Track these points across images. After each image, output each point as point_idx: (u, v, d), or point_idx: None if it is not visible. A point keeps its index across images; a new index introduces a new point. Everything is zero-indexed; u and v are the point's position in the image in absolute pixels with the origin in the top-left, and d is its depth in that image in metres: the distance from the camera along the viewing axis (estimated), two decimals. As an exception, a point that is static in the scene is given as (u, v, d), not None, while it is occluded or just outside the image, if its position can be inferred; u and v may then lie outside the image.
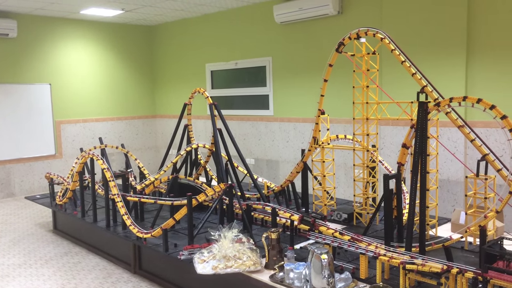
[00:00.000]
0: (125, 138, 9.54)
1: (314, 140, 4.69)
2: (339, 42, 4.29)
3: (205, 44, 8.68)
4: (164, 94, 9.84)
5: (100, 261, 5.10)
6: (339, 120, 6.46)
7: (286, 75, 7.36)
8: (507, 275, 2.58)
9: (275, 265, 3.41)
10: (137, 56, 9.77)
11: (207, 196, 4.17)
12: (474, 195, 3.63)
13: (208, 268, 3.39)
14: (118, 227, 4.80)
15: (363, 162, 4.45)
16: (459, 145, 5.30)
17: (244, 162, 5.25)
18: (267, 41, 7.54)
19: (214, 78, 8.68)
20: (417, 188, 3.32)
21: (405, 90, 5.05)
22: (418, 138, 3.31)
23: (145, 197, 4.72)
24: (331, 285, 2.99)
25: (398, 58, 3.90)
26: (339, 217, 4.59)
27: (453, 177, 5.38)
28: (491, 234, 3.61)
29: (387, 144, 5.95)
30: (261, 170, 7.80)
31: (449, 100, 3.20)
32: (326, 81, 4.53)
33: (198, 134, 8.69)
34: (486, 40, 5.11)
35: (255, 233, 4.23)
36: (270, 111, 7.69)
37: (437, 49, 5.41)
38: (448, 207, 5.35)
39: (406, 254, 3.13)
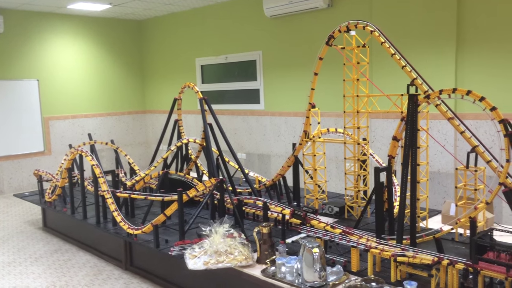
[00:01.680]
0: (115, 134, 9.47)
1: (305, 134, 4.67)
2: (329, 35, 4.27)
3: (195, 39, 8.61)
4: (154, 89, 9.76)
5: (90, 258, 5.07)
6: (330, 114, 6.46)
7: (276, 69, 7.33)
8: (497, 266, 2.59)
9: (266, 260, 3.40)
10: (126, 51, 9.68)
11: (198, 191, 4.14)
12: (464, 187, 3.64)
13: (199, 263, 3.37)
14: (109, 224, 4.76)
15: (354, 155, 4.45)
16: (449, 137, 5.32)
17: (235, 157, 5.23)
18: (257, 35, 7.50)
19: (205, 73, 8.63)
20: (407, 180, 3.33)
21: (395, 83, 5.05)
22: (408, 130, 3.31)
23: (135, 193, 4.69)
24: (322, 278, 2.99)
25: (388, 50, 3.89)
26: (330, 210, 4.59)
27: (444, 169, 5.41)
28: (481, 225, 3.63)
29: (378, 137, 5.96)
30: (253, 165, 7.78)
31: (439, 92, 3.20)
32: (316, 75, 4.51)
33: (189, 129, 8.64)
34: (476, 32, 5.12)
35: (246, 227, 4.22)
36: (261, 105, 7.66)
37: (427, 42, 5.42)
38: (439, 199, 5.38)
39: (397, 247, 3.13)
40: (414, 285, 2.67)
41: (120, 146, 6.67)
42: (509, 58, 4.91)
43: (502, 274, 2.56)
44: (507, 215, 4.73)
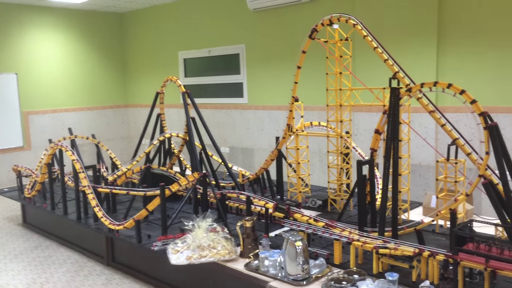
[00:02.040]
0: (96, 128, 9.33)
1: (288, 127, 4.67)
2: (312, 29, 4.26)
3: (178, 32, 8.52)
4: (136, 83, 9.64)
5: (71, 254, 5.00)
6: (313, 107, 6.47)
7: (260, 63, 7.31)
8: (477, 257, 2.63)
9: (250, 254, 3.39)
10: (108, 44, 9.53)
11: (181, 185, 4.11)
12: (444, 179, 3.69)
13: (182, 258, 3.35)
14: (90, 220, 4.70)
15: (337, 148, 4.47)
16: (430, 130, 5.37)
17: (218, 151, 5.20)
18: (240, 28, 7.45)
19: (187, 66, 8.55)
20: (389, 173, 3.35)
21: (378, 76, 5.07)
22: (390, 123, 3.32)
23: (117, 188, 4.63)
24: (305, 271, 3.00)
25: (370, 44, 3.90)
26: (313, 203, 4.61)
27: (425, 162, 5.47)
28: (461, 216, 3.68)
29: (361, 130, 5.99)
30: (236, 159, 7.76)
31: (420, 85, 3.22)
32: (299, 68, 4.50)
33: (172, 123, 8.56)
34: (457, 26, 5.17)
35: (230, 221, 4.21)
36: (244, 99, 7.63)
37: (409, 35, 5.45)
38: (420, 191, 5.44)
39: (379, 239, 3.16)
40: (396, 277, 2.70)
41: (101, 141, 6.57)
42: (489, 51, 4.97)
43: (481, 265, 2.60)
44: (487, 207, 4.81)
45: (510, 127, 4.88)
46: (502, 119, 4.89)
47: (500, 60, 4.90)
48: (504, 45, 4.85)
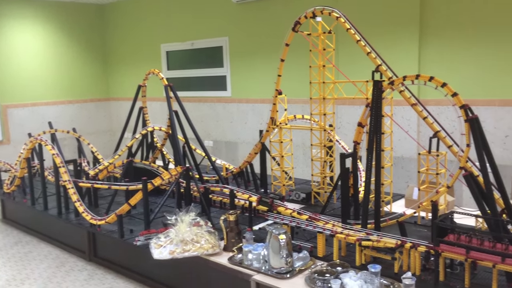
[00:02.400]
0: (77, 122, 9.17)
1: (272, 120, 4.66)
2: (295, 21, 4.24)
3: (160, 24, 8.41)
4: (117, 76, 9.50)
5: (52, 249, 4.92)
6: (297, 100, 6.46)
7: (243, 56, 7.26)
8: (458, 248, 2.66)
9: (233, 247, 3.38)
10: (89, 36, 9.35)
11: (163, 179, 4.07)
12: (426, 171, 3.72)
13: (165, 253, 3.32)
14: (71, 215, 4.63)
15: (321, 141, 4.48)
16: (413, 123, 5.42)
17: (201, 144, 5.17)
18: (224, 20, 7.39)
19: (170, 59, 8.46)
20: (372, 166, 3.37)
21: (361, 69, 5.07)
22: (373, 116, 3.34)
23: (98, 183, 4.57)
24: (289, 264, 3.00)
25: (353, 37, 3.90)
26: (297, 197, 4.61)
27: (407, 154, 5.52)
28: (442, 208, 3.73)
29: (344, 123, 6.01)
30: (220, 152, 7.72)
31: (403, 78, 3.24)
32: (283, 61, 4.49)
33: (155, 116, 8.46)
34: (438, 19, 5.20)
35: (213, 215, 4.19)
36: (227, 92, 7.59)
37: (391, 28, 5.47)
38: (402, 184, 5.49)
39: (362, 231, 3.18)
40: (378, 268, 2.72)
41: (82, 135, 6.46)
42: (470, 45, 5.02)
43: (462, 256, 2.63)
44: (467, 198, 4.88)
45: (491, 119, 4.95)
46: (482, 111, 4.95)
47: (481, 53, 4.96)
48: (485, 38, 4.90)
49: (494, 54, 4.87)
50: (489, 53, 4.90)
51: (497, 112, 4.91)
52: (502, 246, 2.57)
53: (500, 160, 4.86)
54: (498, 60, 4.85)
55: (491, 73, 4.92)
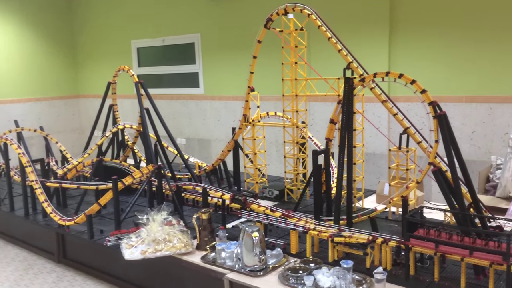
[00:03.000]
0: (45, 120, 8.92)
1: (245, 118, 4.64)
2: (267, 18, 4.23)
3: (130, 20, 8.25)
4: (87, 73, 9.29)
5: (19, 251, 4.77)
6: (269, 97, 6.46)
7: (215, 52, 7.21)
8: (427, 242, 2.71)
9: (206, 246, 3.36)
10: (57, 31, 9.09)
11: (134, 178, 4.00)
12: (397, 167, 3.78)
13: (136, 253, 3.26)
14: (38, 215, 4.50)
15: (293, 138, 4.49)
16: (383, 119, 5.50)
17: (173, 142, 5.11)
18: (195, 17, 7.31)
19: (141, 56, 8.32)
20: (344, 162, 3.39)
21: (332, 66, 5.11)
22: (345, 113, 3.36)
23: (67, 183, 4.45)
24: (262, 262, 3.00)
25: (325, 34, 3.92)
26: (270, 194, 4.62)
27: (378, 151, 5.60)
28: (412, 203, 3.79)
29: (317, 120, 6.05)
30: (193, 150, 7.66)
31: (373, 75, 3.27)
32: (255, 58, 4.47)
33: (126, 114, 8.32)
34: (408, 17, 5.28)
35: (186, 214, 4.15)
36: (200, 89, 7.52)
37: (362, 26, 5.53)
38: (374, 180, 5.57)
39: (335, 227, 3.20)
40: (350, 264, 2.74)
41: (50, 133, 6.28)
42: (439, 43, 5.12)
43: (432, 250, 2.68)
44: (436, 193, 4.99)
45: (458, 116, 5.07)
46: (450, 108, 5.07)
47: (449, 51, 5.06)
48: (453, 37, 5.01)
49: (461, 52, 4.98)
50: (457, 51, 5.01)
51: (464, 108, 5.03)
52: (469, 240, 2.63)
53: (467, 156, 4.99)
54: (465, 58, 4.97)
55: (459, 71, 5.04)
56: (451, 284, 2.68)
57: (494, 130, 4.88)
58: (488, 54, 4.82)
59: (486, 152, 4.94)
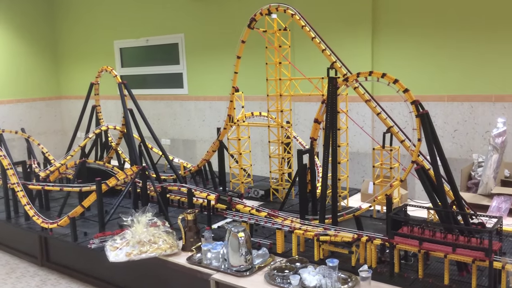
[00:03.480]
0: (26, 122, 8.78)
1: (229, 118, 4.63)
2: (251, 18, 4.23)
3: (113, 20, 8.17)
4: (69, 74, 9.17)
5: (2, 255, 4.69)
6: (254, 97, 6.46)
7: (199, 53, 7.18)
8: (411, 240, 2.74)
9: (192, 247, 3.34)
10: (38, 33, 8.94)
11: (118, 180, 3.96)
12: (380, 166, 3.82)
13: (121, 255, 3.23)
14: (21, 219, 4.43)
15: (278, 138, 4.50)
16: (367, 119, 5.55)
17: (158, 143, 5.08)
18: (179, 17, 7.27)
19: (124, 56, 8.24)
20: (329, 161, 3.41)
21: (316, 66, 5.14)
22: (329, 113, 3.38)
23: (49, 185, 4.39)
24: (248, 262, 2.99)
25: (308, 34, 3.94)
26: (256, 194, 4.62)
27: (362, 150, 5.64)
28: (396, 201, 3.83)
29: (301, 120, 6.07)
30: (178, 151, 7.62)
31: (357, 75, 3.29)
32: (239, 58, 4.47)
33: (109, 115, 8.24)
34: (390, 17, 5.33)
35: (171, 215, 4.12)
36: (184, 89, 7.49)
37: (345, 26, 5.56)
38: (358, 178, 5.61)
39: (320, 226, 3.22)
40: (336, 263, 2.76)
41: (32, 135, 6.19)
42: (421, 43, 5.18)
43: (415, 247, 2.71)
44: (420, 191, 5.05)
45: (441, 114, 5.14)
46: (433, 107, 5.13)
47: (431, 50, 5.13)
48: (434, 37, 5.07)
49: (443, 52, 5.05)
50: (439, 51, 5.08)
51: (446, 107, 5.11)
52: (452, 237, 2.67)
53: (450, 154, 5.06)
54: (446, 57, 5.04)
55: (441, 70, 5.10)
56: (435, 281, 2.71)
57: (476, 128, 4.96)
58: (469, 54, 4.90)
59: (468, 150, 5.02)
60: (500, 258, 2.52)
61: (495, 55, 4.74)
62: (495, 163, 3.94)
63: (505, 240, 3.22)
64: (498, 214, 3.65)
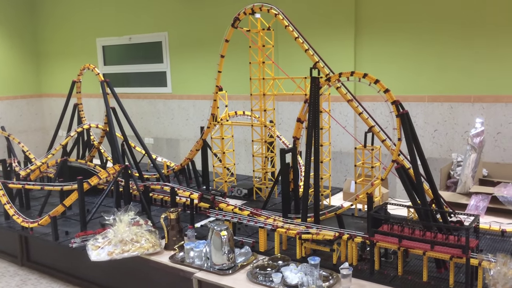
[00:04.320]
0: (6, 120, 8.63)
1: (213, 117, 4.64)
2: (235, 17, 4.24)
3: (95, 17, 8.09)
4: (50, 71, 9.04)
5: (-20, 256, 4.62)
6: (238, 97, 6.47)
7: (183, 51, 7.16)
8: (391, 237, 2.79)
9: (175, 246, 3.34)
10: (18, 30, 8.80)
11: (101, 178, 3.93)
12: (362, 165, 3.86)
13: (103, 254, 3.21)
14: (0, 218, 4.36)
15: (262, 137, 4.52)
16: (350, 118, 5.60)
17: (141, 142, 5.05)
18: (162, 15, 7.24)
19: (107, 54, 8.16)
20: (311, 160, 3.44)
21: (299, 66, 5.17)
22: (311, 112, 3.41)
23: (30, 184, 4.33)
24: (231, 260, 3.01)
25: (291, 34, 3.97)
26: (239, 193, 4.63)
27: (345, 149, 5.70)
28: (377, 200, 3.89)
29: (285, 119, 6.11)
30: (161, 150, 7.58)
31: (339, 75, 3.33)
32: (223, 57, 4.48)
33: (92, 113, 8.16)
34: (372, 18, 5.40)
35: (154, 214, 4.11)
36: (168, 88, 7.45)
37: (328, 26, 5.61)
38: (341, 178, 5.67)
39: (302, 225, 3.25)
40: (317, 260, 2.79)
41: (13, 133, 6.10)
42: (402, 43, 5.25)
43: (395, 245, 2.76)
44: (401, 190, 5.13)
45: (421, 114, 5.23)
46: (413, 107, 5.22)
47: (412, 51, 5.20)
48: (415, 38, 5.15)
49: (424, 53, 5.13)
50: (419, 52, 5.16)
51: (427, 107, 5.19)
52: (431, 235, 2.72)
53: (430, 153, 5.15)
54: (427, 58, 5.12)
55: (421, 71, 5.19)
56: (414, 278, 2.76)
57: (455, 128, 5.06)
58: (449, 56, 4.99)
59: (447, 150, 5.12)
60: (476, 255, 2.58)
61: (475, 56, 4.84)
62: (473, 162, 4.03)
63: (482, 238, 3.30)
64: (476, 212, 3.73)
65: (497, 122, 4.80)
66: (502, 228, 3.41)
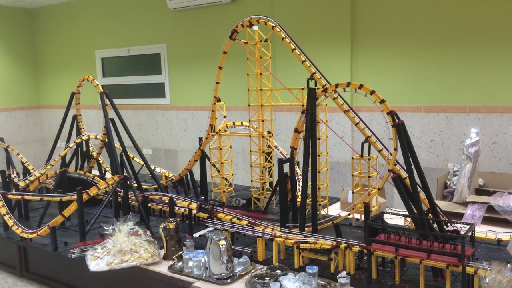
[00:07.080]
0: (5, 131, 8.66)
1: (211, 127, 4.68)
2: (232, 30, 4.31)
3: (94, 30, 8.17)
4: (49, 83, 9.10)
5: (-22, 267, 4.61)
6: (236, 107, 6.53)
7: (181, 63, 7.23)
8: (388, 246, 2.82)
9: (173, 255, 3.36)
10: (17, 42, 8.86)
11: (100, 189, 3.96)
12: (359, 175, 3.90)
13: (102, 264, 3.23)
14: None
15: (259, 148, 4.55)
16: (347, 129, 5.66)
17: (140, 153, 5.08)
18: (161, 27, 7.32)
19: (105, 66, 8.23)
20: (308, 170, 3.48)
21: (297, 77, 5.24)
22: (308, 123, 3.45)
23: (29, 194, 4.35)
24: (229, 270, 3.03)
25: (288, 46, 4.02)
26: (237, 203, 4.65)
27: (342, 159, 5.74)
28: (374, 209, 3.92)
29: (282, 129, 6.15)
30: (159, 160, 7.61)
31: (335, 86, 3.38)
32: (221, 69, 4.53)
33: (91, 125, 8.21)
34: (368, 30, 5.48)
35: (153, 224, 4.13)
36: (166, 99, 7.51)
37: (325, 38, 5.69)
38: (338, 187, 5.70)
39: (300, 234, 3.27)
40: (315, 269, 2.81)
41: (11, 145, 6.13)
42: (398, 55, 5.33)
43: (392, 254, 2.79)
44: (398, 200, 5.16)
45: (417, 125, 5.28)
46: (410, 118, 5.27)
47: (408, 62, 5.28)
48: (412, 49, 5.23)
49: (420, 64, 5.20)
50: (415, 63, 5.23)
51: (423, 118, 5.25)
52: (427, 243, 2.75)
53: (427, 163, 5.19)
54: (423, 69, 5.19)
55: (417, 82, 5.25)
56: (411, 286, 2.78)
57: (451, 138, 5.11)
58: (445, 66, 5.06)
59: (443, 160, 5.16)
60: (472, 263, 2.61)
61: (470, 67, 4.91)
62: (469, 172, 4.07)
63: (478, 247, 3.33)
64: (472, 221, 3.76)
65: (492, 132, 4.86)
66: (498, 237, 3.44)
